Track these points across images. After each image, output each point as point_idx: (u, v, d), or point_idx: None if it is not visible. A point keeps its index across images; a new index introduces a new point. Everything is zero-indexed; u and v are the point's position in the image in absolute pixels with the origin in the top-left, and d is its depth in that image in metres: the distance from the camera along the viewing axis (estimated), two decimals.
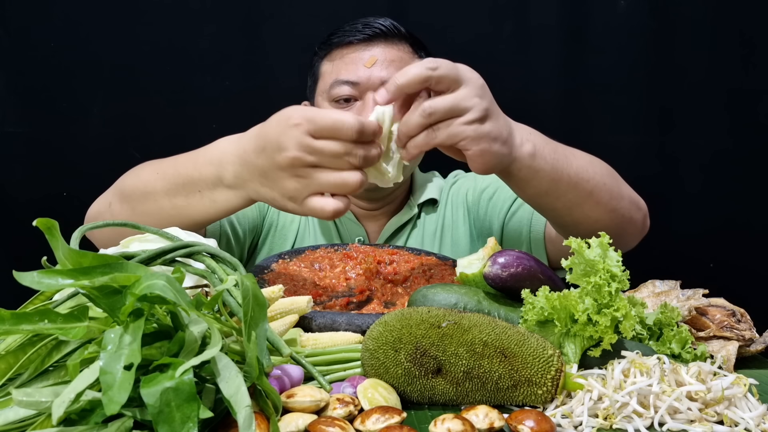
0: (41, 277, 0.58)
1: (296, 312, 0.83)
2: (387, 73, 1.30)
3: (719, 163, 1.77)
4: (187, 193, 1.00)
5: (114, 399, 0.50)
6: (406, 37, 1.37)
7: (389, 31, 1.35)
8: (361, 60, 1.32)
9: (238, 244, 1.34)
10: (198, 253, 0.86)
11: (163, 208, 1.03)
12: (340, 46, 1.35)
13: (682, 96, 1.75)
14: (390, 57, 1.33)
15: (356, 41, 1.34)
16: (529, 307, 0.79)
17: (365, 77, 1.30)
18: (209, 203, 0.99)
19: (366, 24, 1.36)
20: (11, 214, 1.69)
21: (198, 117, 1.70)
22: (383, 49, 1.33)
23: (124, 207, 1.09)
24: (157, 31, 1.69)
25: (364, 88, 1.30)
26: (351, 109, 1.30)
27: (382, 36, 1.34)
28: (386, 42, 1.35)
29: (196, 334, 0.59)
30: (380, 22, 1.36)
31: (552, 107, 1.77)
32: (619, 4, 1.73)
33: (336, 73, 1.33)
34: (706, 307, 0.93)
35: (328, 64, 1.36)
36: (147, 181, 1.07)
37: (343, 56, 1.34)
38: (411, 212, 1.44)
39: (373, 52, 1.33)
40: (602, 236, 0.79)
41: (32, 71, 1.67)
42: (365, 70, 1.31)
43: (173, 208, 1.02)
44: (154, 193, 1.04)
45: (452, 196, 1.48)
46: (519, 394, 0.69)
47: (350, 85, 1.31)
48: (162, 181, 1.04)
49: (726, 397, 0.68)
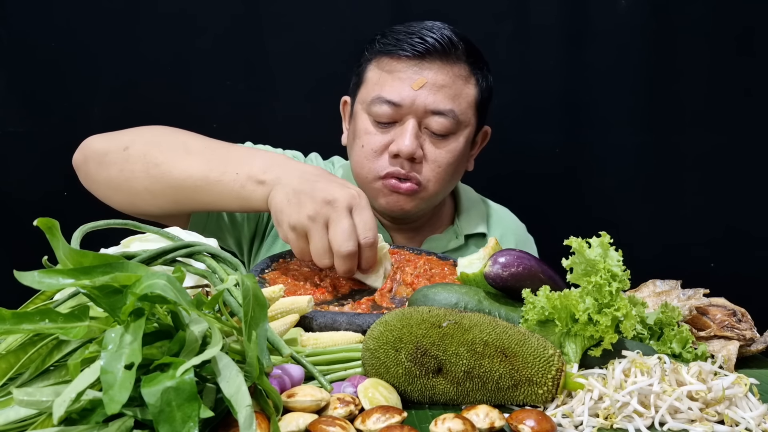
0: (42, 276, 0.58)
1: (297, 312, 0.83)
2: (434, 99, 1.22)
3: (720, 163, 1.77)
4: (224, 171, 1.03)
5: (115, 398, 0.50)
6: (464, 54, 1.26)
7: (445, 49, 1.24)
8: (410, 80, 1.23)
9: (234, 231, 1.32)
10: (198, 253, 0.86)
11: (192, 176, 1.04)
12: (390, 56, 1.25)
13: (682, 96, 1.75)
14: (441, 81, 1.23)
15: (407, 57, 1.24)
16: (529, 306, 0.79)
17: (409, 100, 1.22)
18: (238, 188, 1.03)
19: (421, 37, 1.24)
20: (11, 214, 1.69)
21: (198, 117, 1.70)
22: (436, 71, 1.23)
23: (142, 159, 1.07)
24: (157, 30, 1.69)
25: (406, 111, 1.23)
26: (388, 134, 1.24)
27: (437, 54, 1.23)
28: (441, 61, 1.24)
29: (196, 333, 0.59)
30: (436, 37, 1.23)
31: (552, 107, 1.77)
32: (620, 4, 1.73)
33: (380, 88, 1.25)
34: (707, 306, 0.93)
35: (375, 72, 1.27)
36: (189, 145, 1.08)
37: (392, 70, 1.25)
38: (458, 241, 1.38)
39: (423, 74, 1.23)
40: (603, 236, 0.79)
41: (32, 71, 1.67)
42: (410, 91, 1.22)
43: (202, 179, 1.04)
44: (192, 160, 1.06)
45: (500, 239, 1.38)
46: (520, 394, 0.69)
47: (391, 105, 1.23)
48: (208, 153, 1.07)
49: (727, 396, 0.68)
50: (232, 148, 1.11)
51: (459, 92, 1.26)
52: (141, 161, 1.08)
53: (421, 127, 1.25)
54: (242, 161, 1.05)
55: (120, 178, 1.08)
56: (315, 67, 1.71)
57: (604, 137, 1.77)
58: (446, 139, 1.27)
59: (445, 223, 1.43)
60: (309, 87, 1.71)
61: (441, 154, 1.26)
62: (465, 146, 1.30)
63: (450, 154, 1.27)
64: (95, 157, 1.13)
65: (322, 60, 1.70)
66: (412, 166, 1.25)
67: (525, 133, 1.78)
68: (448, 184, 1.33)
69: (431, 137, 1.26)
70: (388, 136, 1.25)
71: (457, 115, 1.25)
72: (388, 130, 1.25)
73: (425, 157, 1.26)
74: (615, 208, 1.78)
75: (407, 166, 1.24)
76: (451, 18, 1.32)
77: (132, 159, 1.09)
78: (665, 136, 1.77)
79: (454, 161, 1.28)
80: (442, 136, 1.26)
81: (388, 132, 1.25)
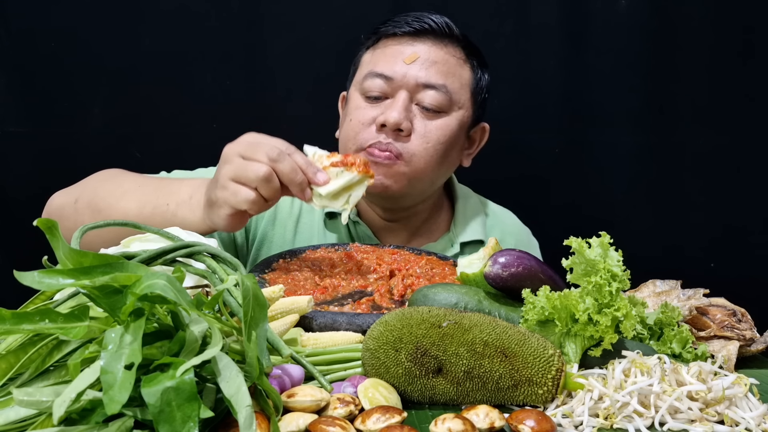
0: (42, 276, 0.58)
1: (297, 312, 0.83)
2: (426, 73, 1.22)
3: (720, 163, 1.77)
4: (156, 205, 1.09)
5: (115, 398, 0.50)
6: (459, 39, 1.27)
7: (440, 30, 1.25)
8: (402, 54, 1.23)
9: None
10: (198, 253, 0.86)
11: (128, 215, 1.08)
12: (385, 36, 1.27)
13: (682, 96, 1.75)
14: (434, 57, 1.23)
15: (401, 33, 1.25)
16: (529, 306, 0.79)
17: (401, 74, 1.22)
18: (171, 217, 1.07)
19: (417, 17, 1.26)
20: (11, 214, 1.68)
21: (198, 117, 1.70)
22: (429, 47, 1.24)
23: (88, 209, 1.12)
24: (157, 30, 1.69)
25: (397, 85, 1.22)
26: (378, 108, 1.23)
27: (431, 33, 1.25)
28: (435, 40, 1.25)
29: (196, 333, 0.59)
30: (432, 18, 1.25)
31: (552, 107, 1.77)
32: (620, 3, 1.73)
33: (373, 64, 1.25)
34: (707, 306, 0.93)
35: (369, 54, 1.29)
36: (124, 188, 1.14)
37: (386, 47, 1.26)
38: (453, 249, 1.33)
39: (416, 48, 1.24)
40: (603, 236, 0.79)
41: (32, 71, 1.67)
42: (402, 65, 1.22)
43: (137, 217, 1.07)
44: (126, 201, 1.11)
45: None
46: (520, 394, 0.69)
47: (384, 79, 1.22)
48: (139, 192, 1.12)
49: (727, 396, 0.68)
50: (162, 183, 1.15)
51: (453, 71, 1.25)
52: (87, 211, 1.13)
53: (413, 102, 1.23)
54: (170, 192, 1.10)
55: (75, 229, 1.11)
56: (315, 66, 1.70)
57: (604, 137, 1.76)
58: (438, 115, 1.24)
59: (441, 228, 1.39)
60: (309, 86, 1.71)
61: (431, 129, 1.23)
62: (458, 130, 1.26)
63: (440, 131, 1.24)
64: (55, 213, 1.18)
65: (322, 59, 1.70)
66: (397, 137, 1.21)
67: (524, 133, 1.77)
68: (437, 167, 1.27)
69: (422, 112, 1.23)
70: (378, 109, 1.23)
71: (449, 91, 1.23)
72: (379, 104, 1.24)
73: (414, 131, 1.22)
74: (615, 208, 1.77)
75: (392, 136, 1.21)
76: (451, 18, 1.31)
77: (80, 210, 1.14)
78: (665, 136, 1.76)
79: (445, 140, 1.24)
80: (434, 112, 1.23)
81: (379, 106, 1.23)
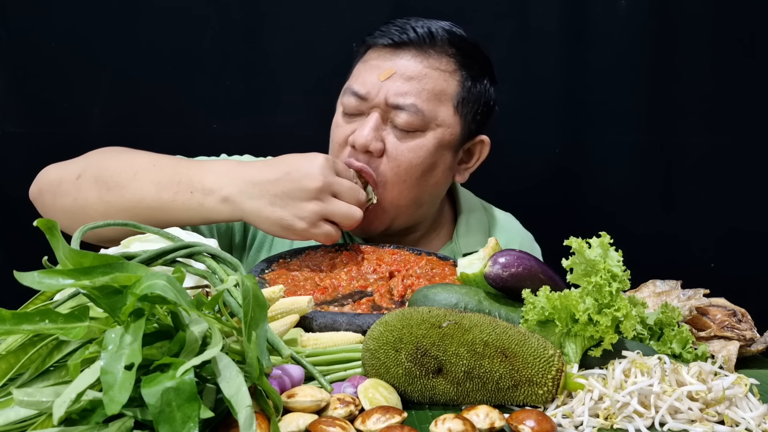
0: (42, 277, 0.58)
1: (297, 312, 0.83)
2: (396, 91, 1.14)
3: (720, 163, 1.77)
4: (177, 191, 1.03)
5: (115, 399, 0.50)
6: (447, 48, 1.18)
7: (421, 40, 1.16)
8: (379, 69, 1.16)
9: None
10: (199, 253, 0.86)
11: (144, 198, 1.02)
12: (372, 47, 1.20)
13: (682, 96, 1.75)
14: (411, 72, 1.15)
15: (383, 45, 1.18)
16: (529, 306, 0.79)
17: (374, 92, 1.15)
18: (196, 206, 1.02)
19: (399, 27, 1.17)
20: (11, 214, 1.68)
21: (198, 117, 1.70)
22: (408, 60, 1.16)
23: (94, 186, 1.05)
24: (157, 31, 1.69)
25: (370, 104, 1.15)
26: (355, 124, 1.17)
27: (412, 44, 1.16)
28: (416, 52, 1.16)
29: (196, 334, 0.59)
30: (415, 27, 1.16)
31: (552, 107, 1.77)
32: (620, 4, 1.73)
33: (354, 79, 1.19)
34: (707, 306, 0.93)
35: (358, 66, 1.22)
36: (137, 166, 1.06)
37: (368, 60, 1.19)
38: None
39: (394, 63, 1.16)
40: (603, 236, 0.79)
41: (32, 71, 1.67)
42: (376, 83, 1.15)
43: (155, 201, 1.02)
44: (141, 181, 1.04)
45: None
46: (520, 394, 0.69)
47: (357, 97, 1.16)
48: (155, 172, 1.04)
49: (727, 397, 0.68)
50: (179, 164, 1.08)
51: (431, 86, 1.16)
52: (93, 188, 1.06)
53: (387, 120, 1.16)
54: (192, 178, 1.03)
55: (75, 207, 1.06)
56: (315, 67, 1.70)
57: (604, 137, 1.76)
58: (412, 135, 1.16)
59: (443, 237, 1.33)
60: (309, 87, 1.71)
61: (402, 151, 1.15)
62: (435, 149, 1.17)
63: (412, 153, 1.15)
64: (50, 188, 1.12)
65: (322, 60, 1.70)
66: (369, 160, 1.15)
67: (524, 134, 1.77)
68: (415, 190, 1.19)
69: (395, 132, 1.16)
70: (353, 126, 1.17)
71: (420, 110, 1.14)
72: (354, 120, 1.18)
73: (386, 151, 1.16)
74: (615, 208, 1.77)
75: (363, 159, 1.15)
76: (452, 18, 1.31)
77: (84, 187, 1.07)
78: (665, 137, 1.77)
79: (419, 162, 1.16)
80: (407, 132, 1.15)
81: (355, 123, 1.17)
